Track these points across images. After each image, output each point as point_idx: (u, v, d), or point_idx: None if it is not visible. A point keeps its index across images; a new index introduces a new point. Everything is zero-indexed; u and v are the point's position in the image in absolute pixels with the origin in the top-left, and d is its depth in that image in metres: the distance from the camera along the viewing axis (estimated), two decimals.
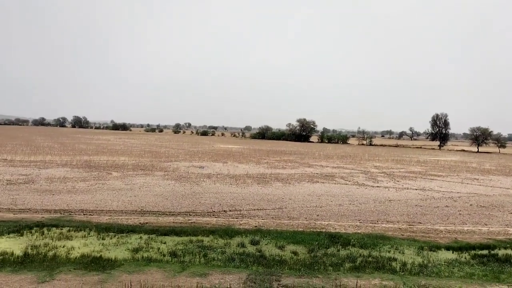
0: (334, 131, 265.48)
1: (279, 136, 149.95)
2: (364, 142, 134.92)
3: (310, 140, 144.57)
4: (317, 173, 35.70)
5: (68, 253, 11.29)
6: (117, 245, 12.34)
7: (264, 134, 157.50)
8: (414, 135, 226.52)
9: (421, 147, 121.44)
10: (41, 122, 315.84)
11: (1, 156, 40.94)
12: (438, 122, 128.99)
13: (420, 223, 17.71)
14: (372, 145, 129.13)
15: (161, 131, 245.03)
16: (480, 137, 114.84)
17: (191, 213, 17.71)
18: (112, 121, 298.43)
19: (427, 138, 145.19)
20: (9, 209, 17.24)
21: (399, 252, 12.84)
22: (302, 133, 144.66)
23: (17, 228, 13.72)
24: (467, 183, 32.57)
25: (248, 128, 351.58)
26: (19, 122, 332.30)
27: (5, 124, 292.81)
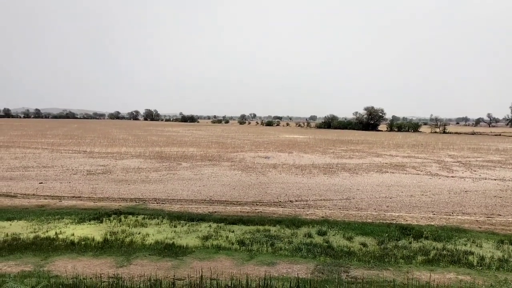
0: (404, 119, 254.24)
1: (346, 125, 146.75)
2: (437, 130, 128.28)
3: (379, 129, 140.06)
4: (386, 163, 34.57)
5: (143, 240, 11.91)
6: (188, 233, 12.81)
7: (330, 123, 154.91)
8: (492, 121, 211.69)
9: (500, 135, 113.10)
10: (116, 116, 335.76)
11: (82, 148, 44.04)
12: None
13: (500, 215, 16.57)
14: (446, 133, 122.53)
15: (227, 122, 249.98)
16: None
17: (257, 203, 17.93)
18: (181, 113, 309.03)
19: (507, 124, 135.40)
20: (89, 197, 18.55)
21: (476, 246, 12.09)
22: (369, 121, 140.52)
23: (97, 216, 14.70)
24: None
25: (313, 118, 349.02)
26: (97, 116, 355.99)
27: (84, 118, 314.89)
